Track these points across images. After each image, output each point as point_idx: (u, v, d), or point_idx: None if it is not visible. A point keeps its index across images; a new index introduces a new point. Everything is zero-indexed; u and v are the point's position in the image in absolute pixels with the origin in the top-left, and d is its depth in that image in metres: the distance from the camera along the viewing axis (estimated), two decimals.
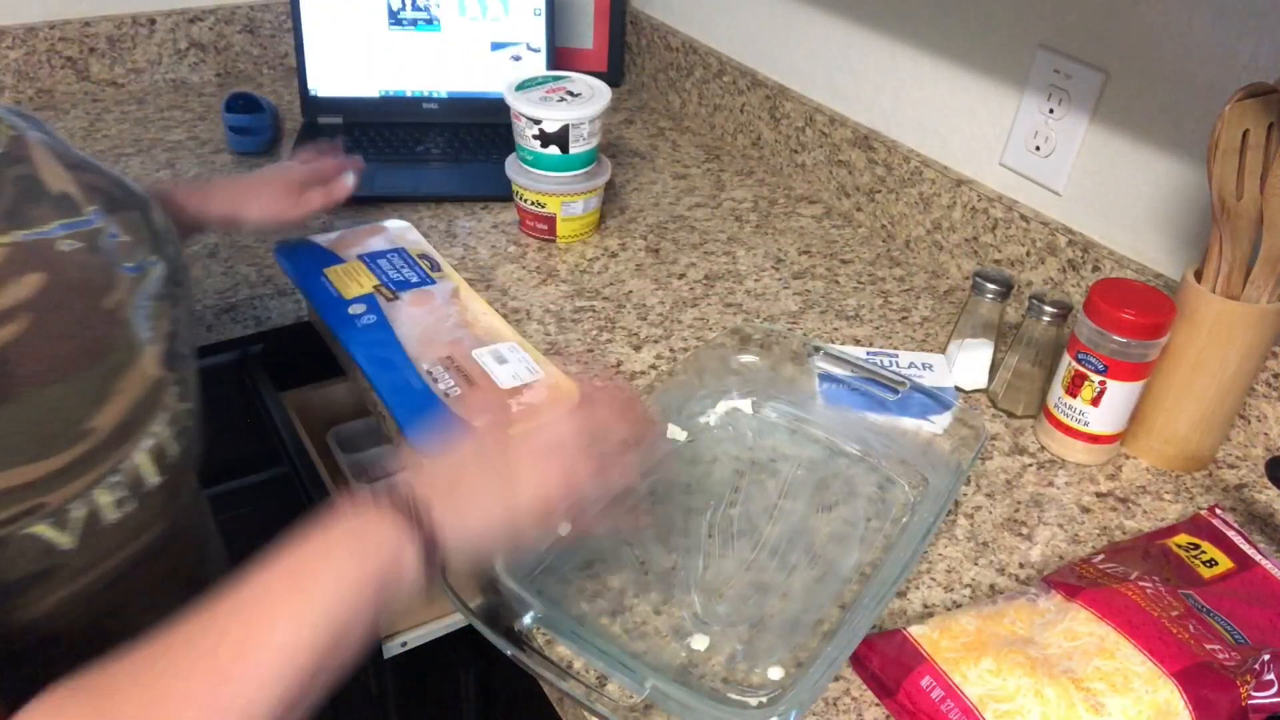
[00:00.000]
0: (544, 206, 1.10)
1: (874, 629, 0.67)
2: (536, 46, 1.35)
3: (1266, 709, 0.60)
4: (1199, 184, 0.87)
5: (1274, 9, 0.78)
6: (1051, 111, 0.97)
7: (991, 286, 0.89)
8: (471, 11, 1.32)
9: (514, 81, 1.09)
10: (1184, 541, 0.73)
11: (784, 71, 1.31)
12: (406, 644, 0.86)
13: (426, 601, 0.92)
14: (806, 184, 1.30)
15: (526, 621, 0.65)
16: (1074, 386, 0.82)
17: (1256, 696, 0.59)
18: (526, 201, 1.11)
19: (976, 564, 0.75)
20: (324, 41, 1.30)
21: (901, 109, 1.15)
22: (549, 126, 1.05)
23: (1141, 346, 0.78)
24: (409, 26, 1.31)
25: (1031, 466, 0.85)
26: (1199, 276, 0.80)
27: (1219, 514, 0.76)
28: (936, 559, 0.75)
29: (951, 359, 0.93)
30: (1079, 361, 0.81)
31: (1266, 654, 0.61)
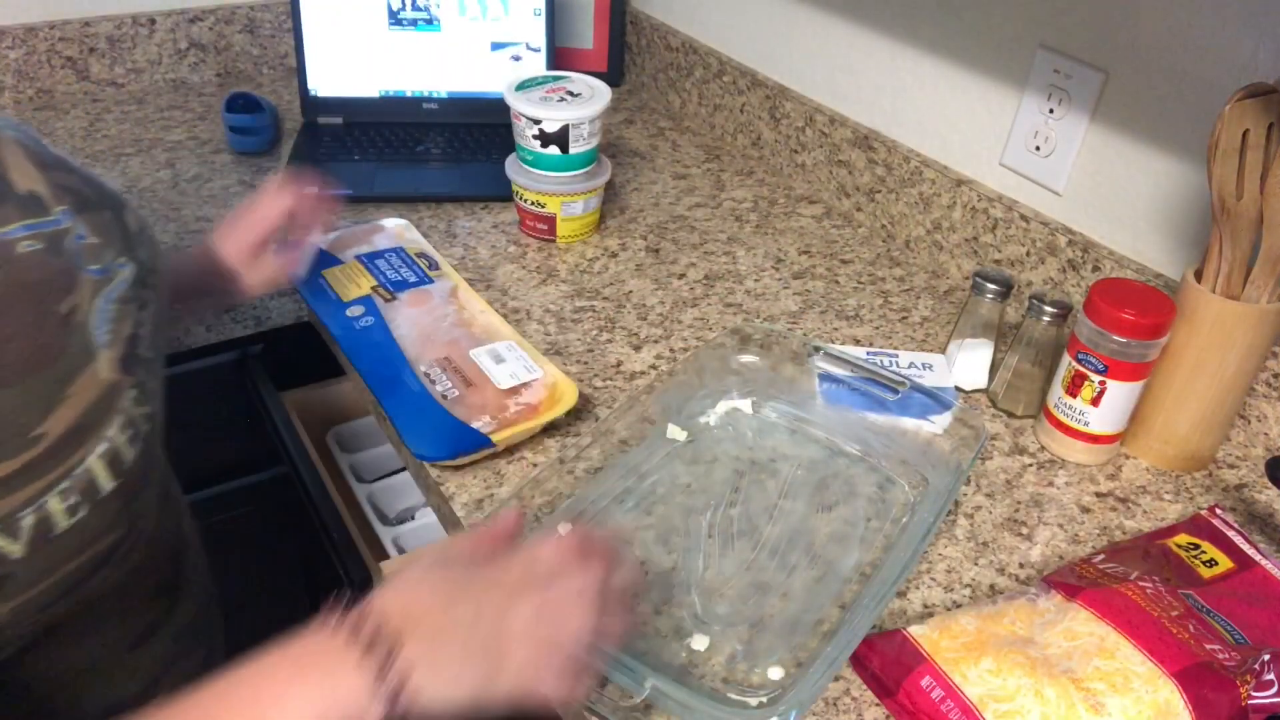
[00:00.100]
0: (544, 206, 1.10)
1: (874, 629, 0.67)
2: (536, 46, 1.35)
3: (1266, 709, 0.60)
4: (1199, 184, 0.87)
5: (1274, 9, 0.78)
6: (1051, 111, 0.97)
7: (991, 286, 0.89)
8: (471, 11, 1.32)
9: (514, 81, 1.09)
10: (1184, 541, 0.73)
11: (784, 71, 1.31)
12: None
13: None
14: (806, 184, 1.30)
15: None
16: (1074, 386, 0.82)
17: (1256, 696, 0.59)
18: (526, 201, 1.11)
19: (976, 564, 0.75)
20: (324, 41, 1.30)
21: (901, 109, 1.15)
22: (549, 126, 1.05)
23: (1141, 346, 0.78)
24: (409, 26, 1.31)
25: (1031, 466, 0.85)
26: (1199, 276, 0.80)
27: (1219, 514, 0.76)
28: (936, 559, 0.75)
29: (951, 359, 0.93)
30: (1079, 361, 0.81)
31: (1266, 654, 0.61)
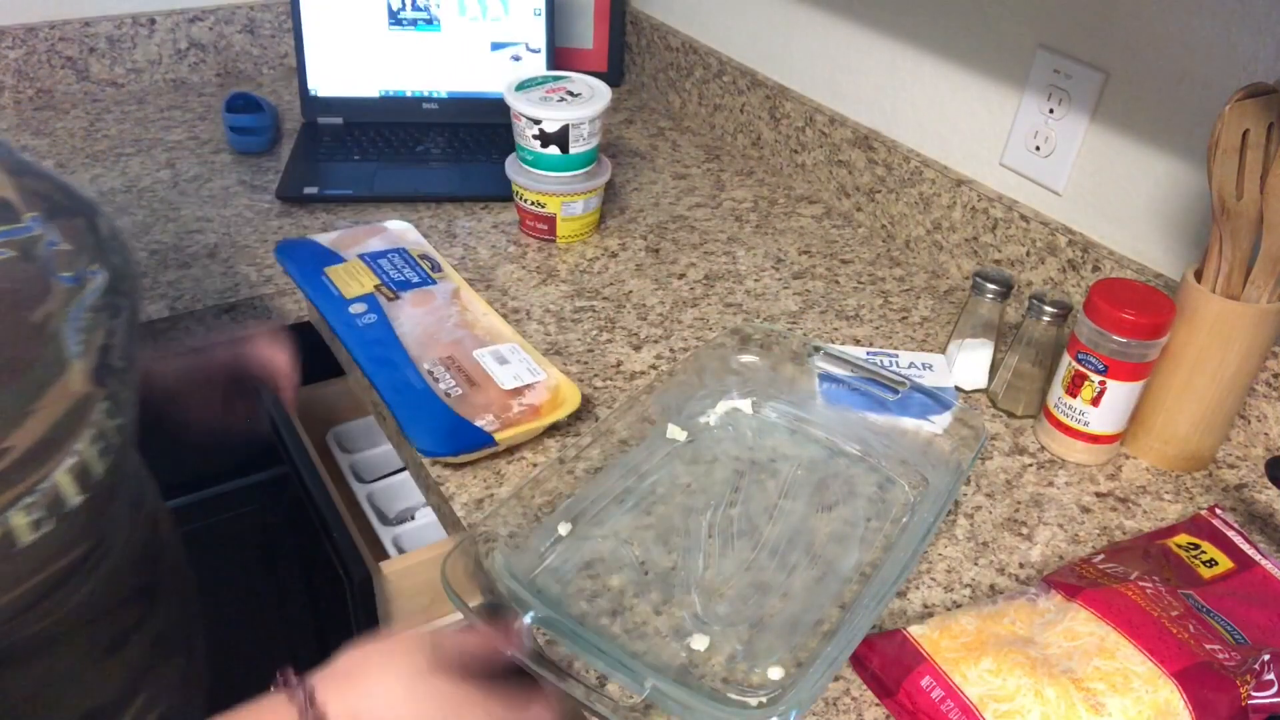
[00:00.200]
0: (544, 206, 1.10)
1: (874, 629, 0.67)
2: (536, 46, 1.35)
3: (1266, 709, 0.60)
4: (1199, 184, 0.87)
5: (1274, 9, 0.78)
6: (1051, 111, 0.97)
7: (991, 286, 0.89)
8: (471, 11, 1.32)
9: (514, 81, 1.09)
10: (1184, 541, 0.73)
11: (784, 71, 1.31)
12: None
13: (428, 600, 0.92)
14: (806, 184, 1.30)
15: (526, 621, 0.65)
16: (1074, 386, 0.82)
17: (1256, 696, 0.59)
18: (526, 201, 1.11)
19: (976, 564, 0.75)
20: (324, 41, 1.30)
21: (901, 109, 1.15)
22: (549, 126, 1.05)
23: (1141, 346, 0.78)
24: (409, 26, 1.31)
25: (1031, 466, 0.85)
26: (1199, 276, 0.80)
27: (1219, 514, 0.76)
28: (936, 559, 0.75)
29: (951, 359, 0.93)
30: (1079, 361, 0.81)
31: (1266, 654, 0.61)
